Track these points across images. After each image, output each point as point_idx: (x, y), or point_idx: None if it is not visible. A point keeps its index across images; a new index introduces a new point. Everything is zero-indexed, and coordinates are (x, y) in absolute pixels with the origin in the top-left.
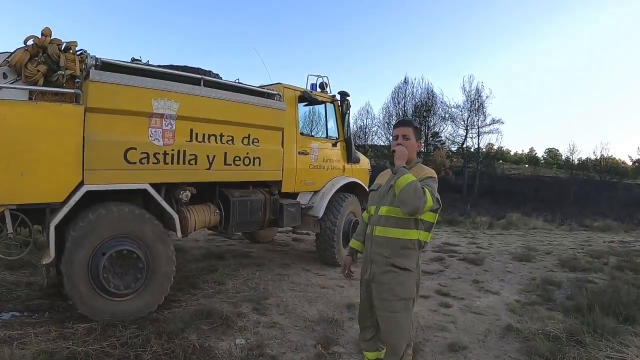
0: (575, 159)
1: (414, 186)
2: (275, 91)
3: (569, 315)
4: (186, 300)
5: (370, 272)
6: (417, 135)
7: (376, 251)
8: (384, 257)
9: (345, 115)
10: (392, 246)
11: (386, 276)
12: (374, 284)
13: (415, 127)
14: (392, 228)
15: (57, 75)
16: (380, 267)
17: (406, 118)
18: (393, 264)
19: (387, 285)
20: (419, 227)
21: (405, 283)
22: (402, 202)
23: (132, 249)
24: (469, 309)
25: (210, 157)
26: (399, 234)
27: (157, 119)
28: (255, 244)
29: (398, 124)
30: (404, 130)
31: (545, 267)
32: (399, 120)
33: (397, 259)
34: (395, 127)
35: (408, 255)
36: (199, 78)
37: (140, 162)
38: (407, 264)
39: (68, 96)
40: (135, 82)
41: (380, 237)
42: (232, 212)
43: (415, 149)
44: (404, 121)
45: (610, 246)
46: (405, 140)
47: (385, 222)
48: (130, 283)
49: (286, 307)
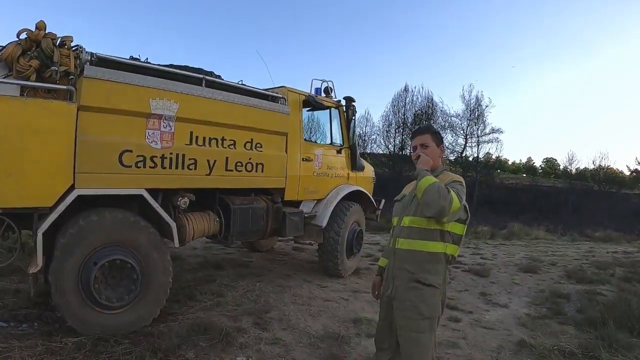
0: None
1: (437, 186)
2: (280, 94)
3: (582, 330)
4: (183, 313)
5: (392, 289)
6: (437, 140)
7: (399, 266)
8: (408, 272)
9: (351, 121)
10: (417, 260)
11: (410, 293)
12: (396, 302)
13: (433, 132)
14: (416, 240)
15: (51, 71)
16: (403, 283)
17: (422, 125)
18: (417, 279)
19: (411, 303)
20: (446, 240)
21: (430, 300)
22: (426, 204)
23: (125, 259)
24: (478, 323)
25: (211, 162)
26: (424, 246)
27: (155, 120)
28: (254, 253)
29: (414, 133)
30: (422, 139)
31: (552, 279)
32: (415, 129)
33: (422, 274)
34: (412, 138)
35: (434, 271)
36: (200, 78)
37: (136, 165)
38: (432, 279)
39: (62, 93)
40: (133, 80)
41: (403, 251)
42: (232, 220)
43: (437, 155)
44: (420, 129)
45: (614, 257)
46: (424, 149)
47: (408, 233)
48: (123, 295)
49: (289, 322)
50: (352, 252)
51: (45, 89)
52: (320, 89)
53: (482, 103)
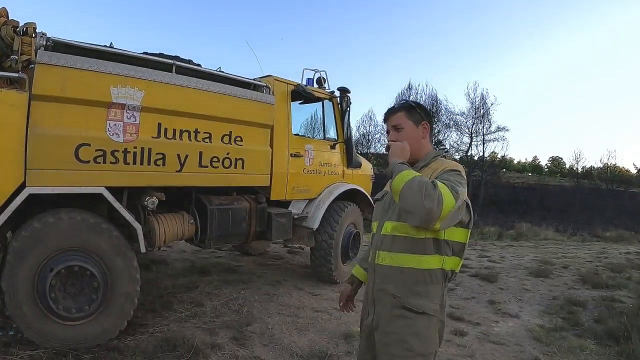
0: (580, 167)
1: (417, 183)
2: (263, 83)
3: (602, 344)
4: (155, 325)
5: (373, 316)
6: (414, 117)
7: (380, 287)
8: (392, 296)
9: (345, 113)
10: (404, 280)
11: (395, 323)
12: (379, 333)
13: (408, 108)
14: (402, 254)
15: (11, 61)
16: (386, 310)
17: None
18: (404, 305)
19: (397, 336)
20: (443, 251)
21: (422, 333)
22: (407, 210)
23: (84, 265)
24: (487, 337)
25: (182, 157)
26: (413, 262)
27: (117, 110)
28: (245, 257)
29: (385, 115)
30: (394, 120)
31: (566, 284)
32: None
33: (411, 299)
34: (384, 121)
35: (427, 293)
36: (170, 64)
37: (95, 161)
38: (425, 305)
39: (23, 83)
40: (92, 65)
41: (385, 268)
42: (209, 222)
43: (419, 137)
44: (391, 109)
45: (627, 258)
46: (398, 132)
47: (391, 245)
48: (83, 305)
49: (271, 337)
50: (348, 256)
51: (4, 79)
52: (313, 79)
53: (487, 101)
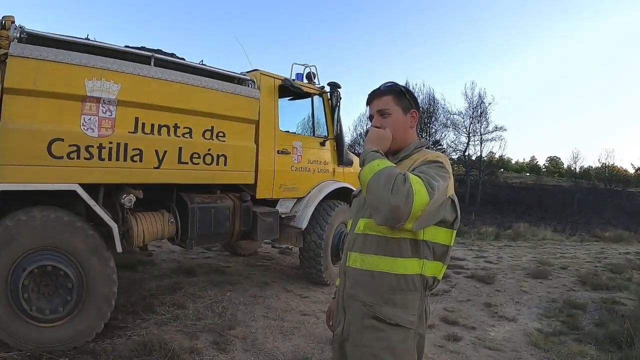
0: (578, 167)
1: (385, 175)
2: (247, 77)
3: (603, 349)
4: (134, 328)
5: (343, 326)
6: (403, 104)
7: (350, 293)
8: (363, 303)
9: (336, 109)
10: (375, 286)
11: (366, 335)
12: (349, 345)
13: (397, 93)
14: (374, 255)
15: None
16: (357, 319)
17: (381, 85)
18: (375, 315)
19: (368, 350)
20: (422, 254)
21: (397, 347)
22: (372, 205)
23: (57, 265)
24: (482, 342)
25: (160, 153)
26: (385, 265)
27: (91, 104)
28: (234, 257)
29: (369, 97)
30: (379, 104)
31: (565, 286)
32: (370, 92)
33: (383, 308)
34: (368, 103)
35: (402, 303)
36: (148, 56)
37: (69, 156)
38: (399, 316)
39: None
40: (65, 57)
41: (355, 271)
42: (190, 221)
43: (405, 126)
44: (376, 91)
45: (627, 259)
46: (383, 118)
47: (362, 245)
48: (57, 306)
49: (254, 341)
50: (339, 257)
51: None
52: (302, 74)
53: (484, 100)
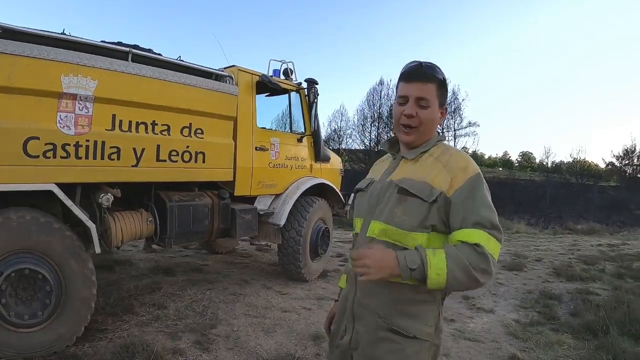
0: (550, 162)
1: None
2: (225, 73)
3: (580, 338)
4: (115, 330)
5: (351, 336)
6: (442, 96)
7: (362, 303)
8: (377, 315)
9: (313, 105)
10: (391, 297)
11: (380, 347)
12: (358, 355)
13: (440, 84)
14: None
15: None
16: (370, 331)
17: (422, 63)
18: (392, 328)
19: None
20: None
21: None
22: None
23: (35, 268)
24: (462, 334)
25: (138, 150)
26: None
27: (68, 101)
28: (212, 255)
29: (409, 74)
30: (422, 90)
31: (540, 277)
32: (410, 66)
33: (399, 320)
34: (406, 80)
35: (419, 314)
36: (126, 51)
37: (45, 155)
38: (417, 328)
39: None
40: (41, 53)
41: (369, 281)
42: (169, 220)
43: (436, 123)
44: (423, 74)
45: (600, 250)
46: (420, 109)
47: None
48: (36, 310)
49: (237, 340)
50: (318, 253)
51: None
52: (279, 70)
53: (458, 96)
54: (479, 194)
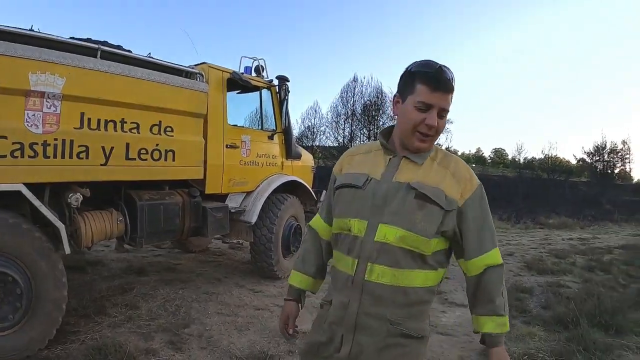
0: (522, 158)
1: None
2: (196, 70)
3: (551, 330)
4: (87, 332)
5: (350, 347)
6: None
7: (371, 311)
8: (390, 322)
9: (284, 103)
10: (406, 303)
11: (387, 353)
12: None
13: (453, 91)
14: (411, 270)
15: None
16: (379, 339)
17: (449, 73)
18: (403, 332)
19: None
20: (445, 263)
21: (418, 358)
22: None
23: (5, 271)
24: (434, 328)
25: (107, 149)
26: (420, 280)
27: (36, 99)
28: (185, 254)
29: (440, 84)
30: (447, 100)
31: (511, 271)
32: (436, 72)
33: (411, 323)
34: (432, 88)
35: (422, 314)
36: (95, 48)
37: (12, 155)
38: (422, 328)
39: None
40: (8, 49)
41: (381, 287)
42: (139, 219)
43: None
44: (449, 84)
45: (570, 244)
46: (441, 119)
47: (394, 258)
48: (7, 314)
49: (209, 339)
50: (290, 250)
51: None
52: (251, 67)
53: None
54: (486, 207)
